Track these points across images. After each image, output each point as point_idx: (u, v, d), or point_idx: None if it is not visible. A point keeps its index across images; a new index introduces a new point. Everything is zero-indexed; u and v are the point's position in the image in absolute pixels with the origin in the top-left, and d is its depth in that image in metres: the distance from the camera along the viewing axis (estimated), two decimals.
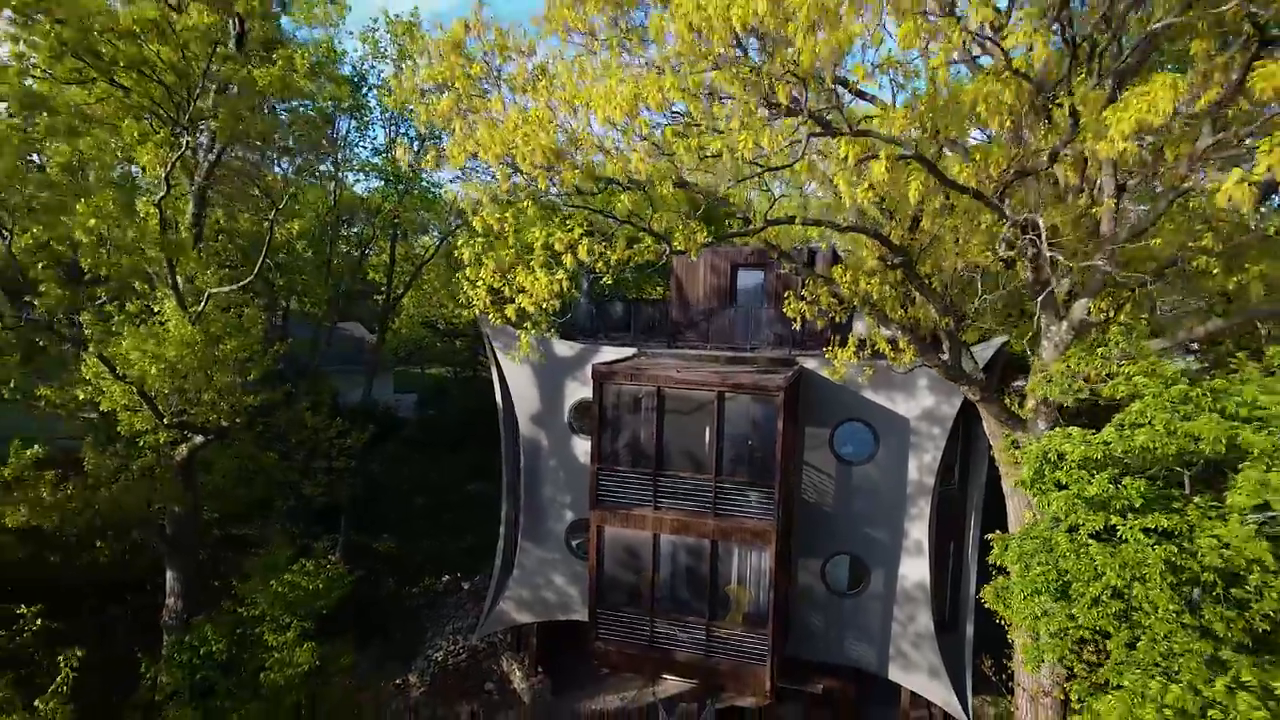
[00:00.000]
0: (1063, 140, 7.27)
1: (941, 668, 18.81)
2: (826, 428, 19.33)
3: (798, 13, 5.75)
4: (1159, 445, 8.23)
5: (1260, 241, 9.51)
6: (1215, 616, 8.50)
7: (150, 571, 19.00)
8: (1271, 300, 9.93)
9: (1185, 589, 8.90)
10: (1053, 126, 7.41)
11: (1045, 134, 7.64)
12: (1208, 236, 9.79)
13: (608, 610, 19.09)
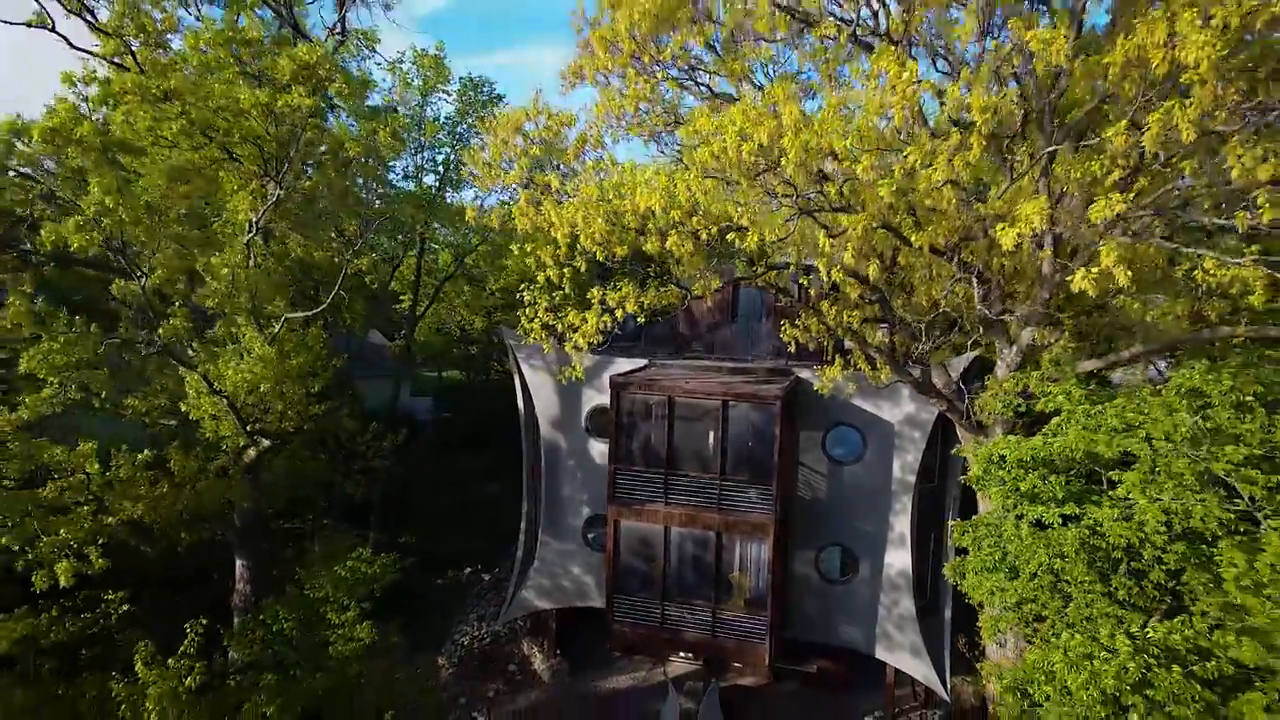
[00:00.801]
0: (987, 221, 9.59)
1: (923, 647, 21.15)
2: (819, 431, 21.69)
3: (789, 152, 8.07)
4: (1073, 451, 10.61)
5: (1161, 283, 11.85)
6: (1119, 584, 10.89)
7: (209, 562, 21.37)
8: (1179, 331, 12.31)
9: (1100, 564, 11.28)
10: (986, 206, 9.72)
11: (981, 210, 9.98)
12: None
13: (623, 595, 21.47)
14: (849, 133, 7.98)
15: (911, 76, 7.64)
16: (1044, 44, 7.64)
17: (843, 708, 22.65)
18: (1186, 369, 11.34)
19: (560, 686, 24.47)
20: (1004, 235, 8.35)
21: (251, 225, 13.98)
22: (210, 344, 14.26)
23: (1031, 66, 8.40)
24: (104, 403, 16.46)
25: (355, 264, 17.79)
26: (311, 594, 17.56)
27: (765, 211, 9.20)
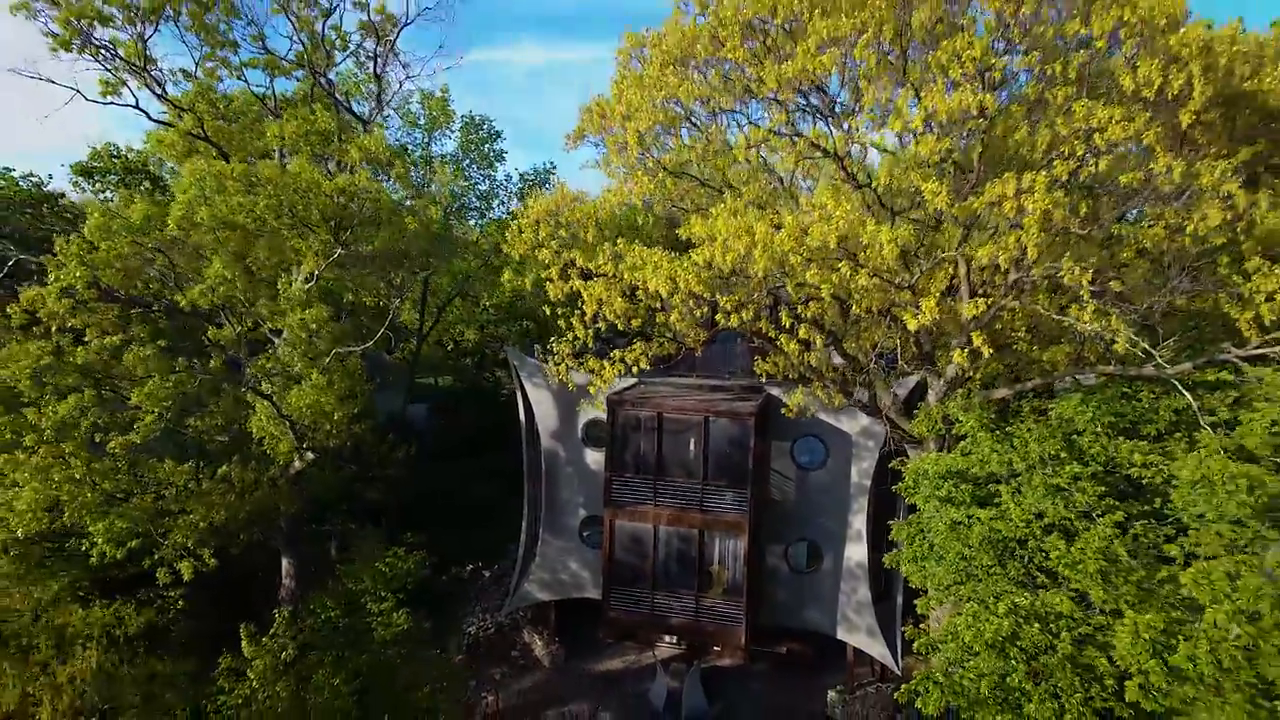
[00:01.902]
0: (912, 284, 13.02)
1: (878, 629, 24.80)
2: (788, 441, 25.22)
3: (759, 261, 11.43)
4: (976, 466, 14.17)
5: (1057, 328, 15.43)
6: (1012, 568, 14.48)
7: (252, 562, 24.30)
8: (1065, 368, 15.95)
9: (998, 553, 14.86)
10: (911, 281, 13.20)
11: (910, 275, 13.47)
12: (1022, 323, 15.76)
13: (618, 587, 24.85)
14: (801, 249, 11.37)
15: (843, 212, 11.00)
16: (933, 194, 11.09)
17: (810, 684, 26.24)
18: (1065, 400, 15.02)
19: (559, 670, 27.78)
20: (910, 321, 11.88)
21: (313, 276, 17.03)
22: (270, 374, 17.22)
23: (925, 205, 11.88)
24: (168, 423, 19.43)
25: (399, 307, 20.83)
26: (353, 587, 20.69)
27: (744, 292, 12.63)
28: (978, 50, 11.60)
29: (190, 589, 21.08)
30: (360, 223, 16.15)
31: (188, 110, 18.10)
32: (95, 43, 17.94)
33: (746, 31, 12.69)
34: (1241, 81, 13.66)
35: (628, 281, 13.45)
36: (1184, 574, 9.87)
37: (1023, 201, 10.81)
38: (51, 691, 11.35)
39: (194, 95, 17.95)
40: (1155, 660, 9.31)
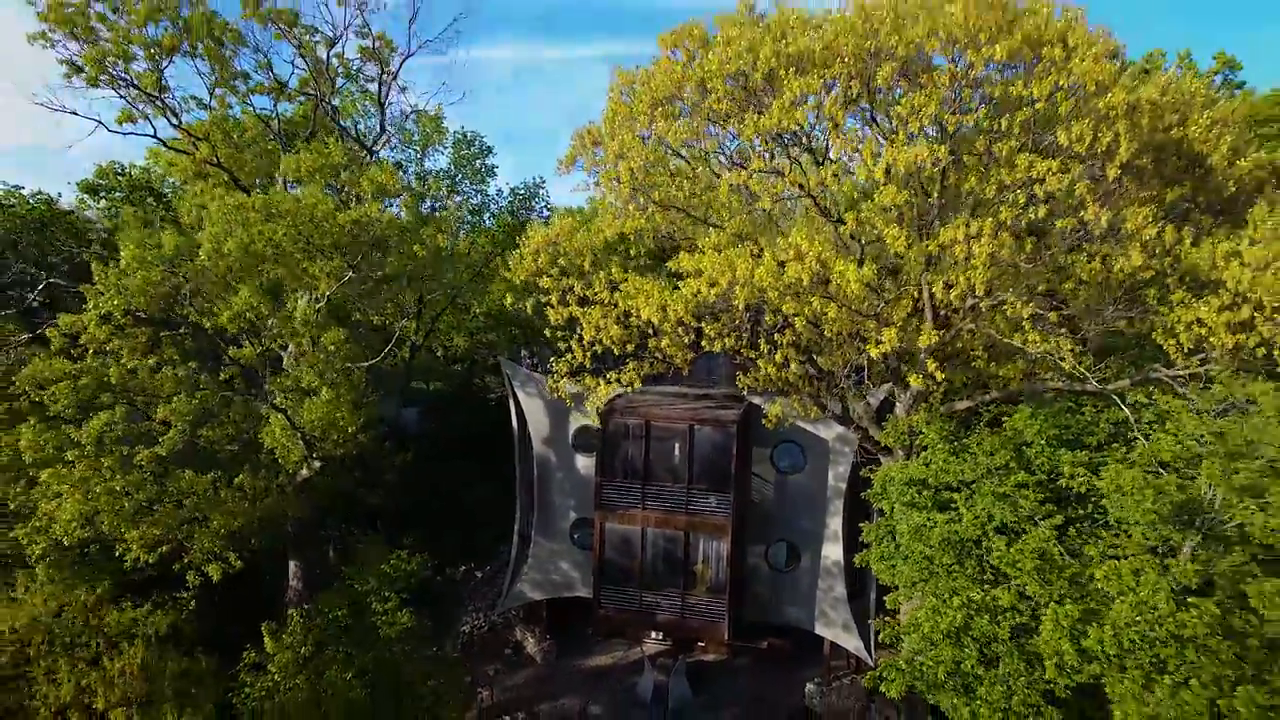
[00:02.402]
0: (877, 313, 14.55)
1: (853, 623, 26.44)
2: (768, 447, 26.81)
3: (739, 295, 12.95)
4: (937, 475, 15.78)
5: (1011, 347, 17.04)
6: (969, 565, 16.10)
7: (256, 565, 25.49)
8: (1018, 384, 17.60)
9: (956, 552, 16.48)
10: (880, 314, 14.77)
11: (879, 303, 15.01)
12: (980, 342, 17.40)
13: (608, 585, 26.33)
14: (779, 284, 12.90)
15: (815, 251, 12.54)
16: (893, 239, 12.64)
17: (789, 676, 27.87)
18: (1018, 414, 16.69)
19: (550, 666, 29.23)
20: (873, 350, 13.49)
21: (324, 297, 18.31)
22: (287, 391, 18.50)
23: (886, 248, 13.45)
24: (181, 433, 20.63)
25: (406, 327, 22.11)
26: (359, 588, 22.01)
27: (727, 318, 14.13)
28: (933, 106, 13.18)
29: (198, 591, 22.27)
30: (370, 249, 17.49)
31: (203, 139, 19.33)
32: (112, 73, 19.10)
33: (729, 83, 14.20)
34: (1169, 130, 15.38)
35: (622, 308, 14.93)
36: (1098, 571, 11.49)
37: (971, 245, 12.40)
38: (104, 685, 12.57)
39: (209, 125, 19.17)
40: (1070, 644, 10.93)
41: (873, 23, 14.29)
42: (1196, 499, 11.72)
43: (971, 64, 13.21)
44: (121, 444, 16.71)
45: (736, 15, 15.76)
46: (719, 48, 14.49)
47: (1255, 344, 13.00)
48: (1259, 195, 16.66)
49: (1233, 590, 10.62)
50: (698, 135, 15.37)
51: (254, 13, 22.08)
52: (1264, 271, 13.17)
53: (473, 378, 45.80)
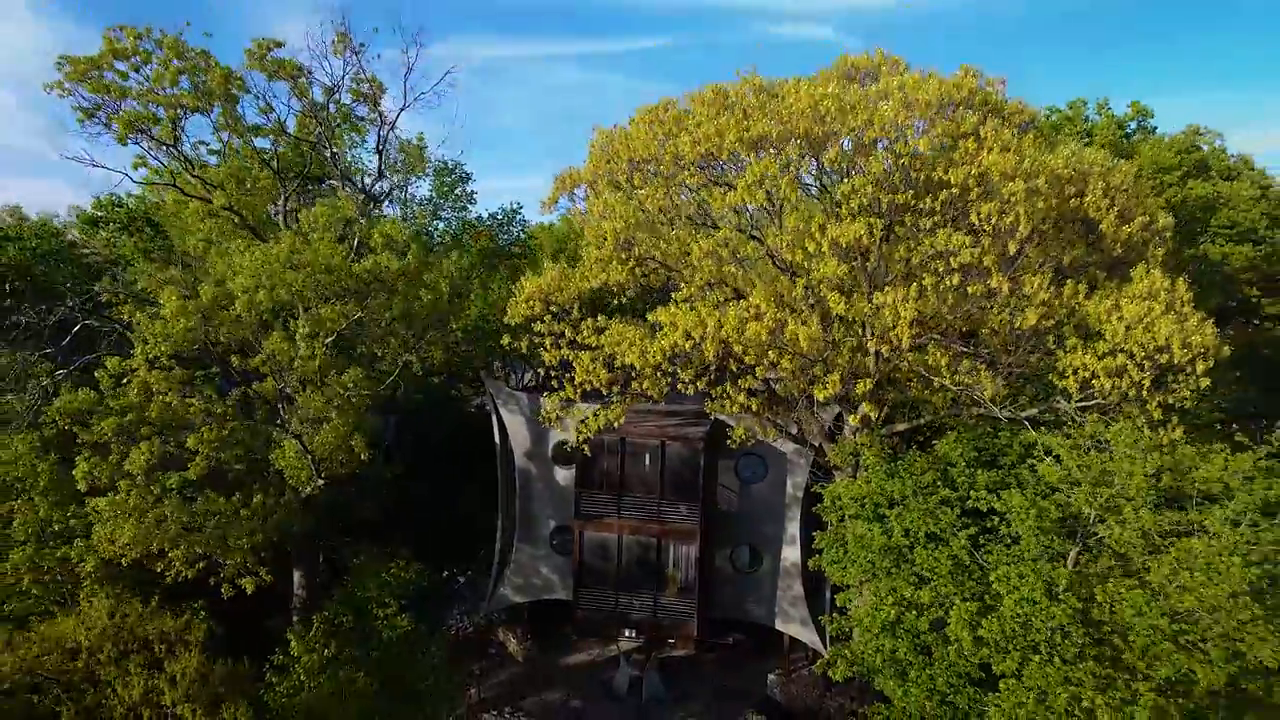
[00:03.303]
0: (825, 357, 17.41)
1: (809, 619, 29.44)
2: (732, 459, 29.65)
3: (709, 347, 15.64)
4: (875, 494, 18.71)
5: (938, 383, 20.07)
6: (905, 569, 19.06)
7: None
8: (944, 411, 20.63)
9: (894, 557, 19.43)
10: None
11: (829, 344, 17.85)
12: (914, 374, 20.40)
13: (586, 589, 28.97)
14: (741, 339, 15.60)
15: (771, 312, 15.28)
16: (836, 301, 15.45)
17: (753, 668, 30.81)
18: (943, 439, 19.72)
19: (532, 664, 31.77)
20: (819, 393, 16.31)
21: (333, 333, 20.52)
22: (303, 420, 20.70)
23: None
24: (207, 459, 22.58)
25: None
26: (360, 594, 24.32)
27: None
28: (869, 189, 16.03)
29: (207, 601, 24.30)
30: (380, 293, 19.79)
31: (218, 188, 21.40)
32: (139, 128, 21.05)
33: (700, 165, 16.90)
34: (1069, 200, 18.50)
35: (608, 352, 17.54)
36: (994, 575, 14.45)
37: (899, 308, 15.25)
38: (169, 685, 14.64)
39: (224, 175, 21.25)
40: (968, 633, 13.84)
41: (820, 110, 17.13)
42: (1076, 515, 14.75)
43: (900, 153, 16.11)
44: (154, 470, 18.80)
45: (707, 95, 18.49)
46: (691, 130, 17.18)
47: (1127, 386, 16.14)
48: (1146, 250, 19.95)
49: (1096, 589, 13.62)
50: (673, 203, 18.05)
51: (259, 64, 24.14)
52: (1136, 327, 16.33)
53: (451, 388, 47.90)
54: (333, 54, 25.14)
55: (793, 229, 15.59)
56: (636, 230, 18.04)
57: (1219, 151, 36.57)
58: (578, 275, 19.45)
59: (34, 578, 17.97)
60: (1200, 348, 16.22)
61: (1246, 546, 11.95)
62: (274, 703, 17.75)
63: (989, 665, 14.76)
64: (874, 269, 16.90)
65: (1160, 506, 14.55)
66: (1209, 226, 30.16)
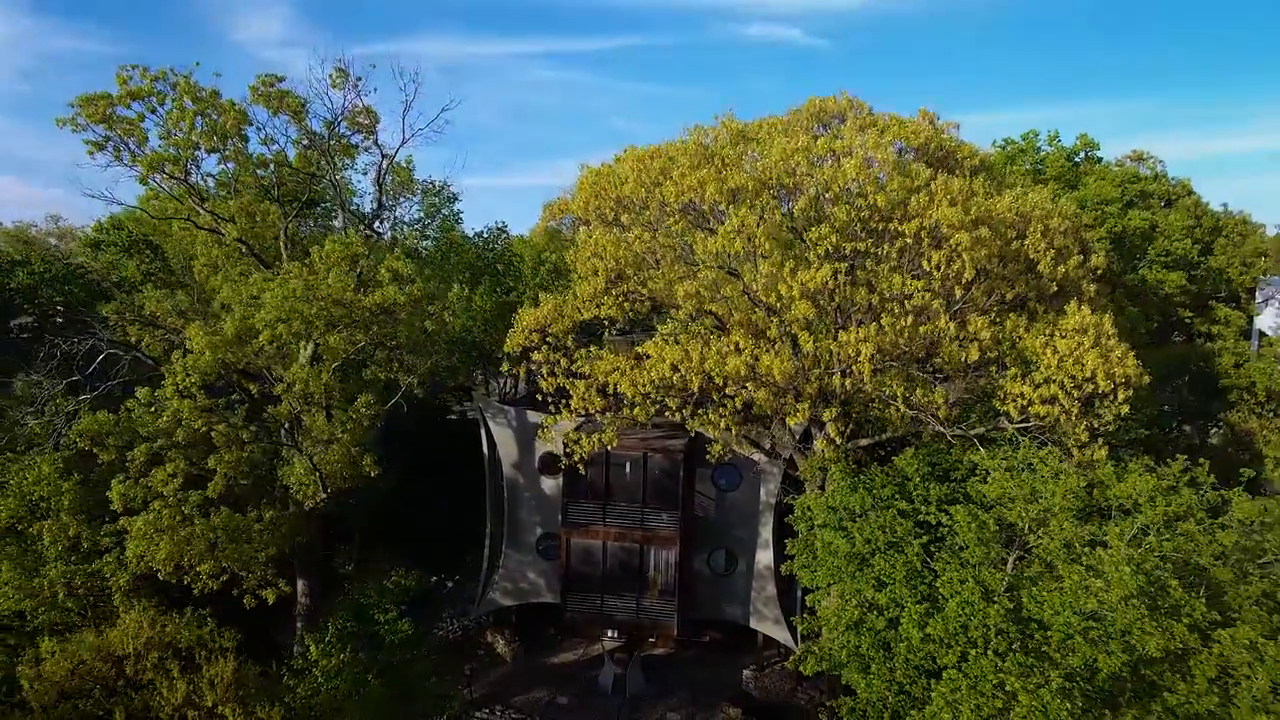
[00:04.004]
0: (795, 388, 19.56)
1: (781, 618, 31.73)
2: (709, 469, 31.81)
3: (693, 379, 17.68)
4: (840, 505, 20.97)
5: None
6: (868, 573, 21.34)
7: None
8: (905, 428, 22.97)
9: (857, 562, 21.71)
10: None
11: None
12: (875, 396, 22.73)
13: (573, 591, 30.97)
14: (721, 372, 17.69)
15: (749, 347, 17.37)
16: (806, 339, 17.66)
17: (729, 664, 33.00)
18: (902, 455, 22.06)
19: (520, 664, 33.67)
20: (790, 420, 18.51)
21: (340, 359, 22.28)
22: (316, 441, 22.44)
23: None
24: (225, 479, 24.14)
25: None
26: (363, 600, 26.07)
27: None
28: (833, 238, 18.24)
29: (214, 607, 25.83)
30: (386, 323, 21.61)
31: (229, 221, 23.01)
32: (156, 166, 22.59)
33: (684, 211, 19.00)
34: (1011, 243, 20.90)
35: (600, 381, 19.57)
36: (940, 580, 16.74)
37: (860, 346, 17.48)
38: (209, 688, 16.29)
39: (236, 210, 22.85)
40: (916, 631, 16.13)
41: (791, 164, 19.32)
42: (1012, 527, 17.10)
43: (861, 207, 18.38)
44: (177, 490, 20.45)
45: (690, 146, 20.59)
46: (676, 180, 19.25)
47: (1059, 412, 18.56)
48: (1080, 284, 22.44)
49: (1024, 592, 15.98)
50: (659, 244, 20.12)
51: (262, 98, 25.74)
52: (1067, 360, 18.75)
53: (434, 397, 49.50)
54: (331, 88, 26.84)
55: (767, 273, 17.71)
56: (626, 268, 20.07)
57: (1161, 176, 39.65)
58: (570, 307, 21.44)
59: (68, 592, 19.53)
60: (1122, 378, 18.72)
61: (1141, 555, 14.35)
62: (294, 704, 19.47)
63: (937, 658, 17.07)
64: (838, 307, 19.11)
65: (1085, 519, 16.95)
66: (1147, 254, 33.06)
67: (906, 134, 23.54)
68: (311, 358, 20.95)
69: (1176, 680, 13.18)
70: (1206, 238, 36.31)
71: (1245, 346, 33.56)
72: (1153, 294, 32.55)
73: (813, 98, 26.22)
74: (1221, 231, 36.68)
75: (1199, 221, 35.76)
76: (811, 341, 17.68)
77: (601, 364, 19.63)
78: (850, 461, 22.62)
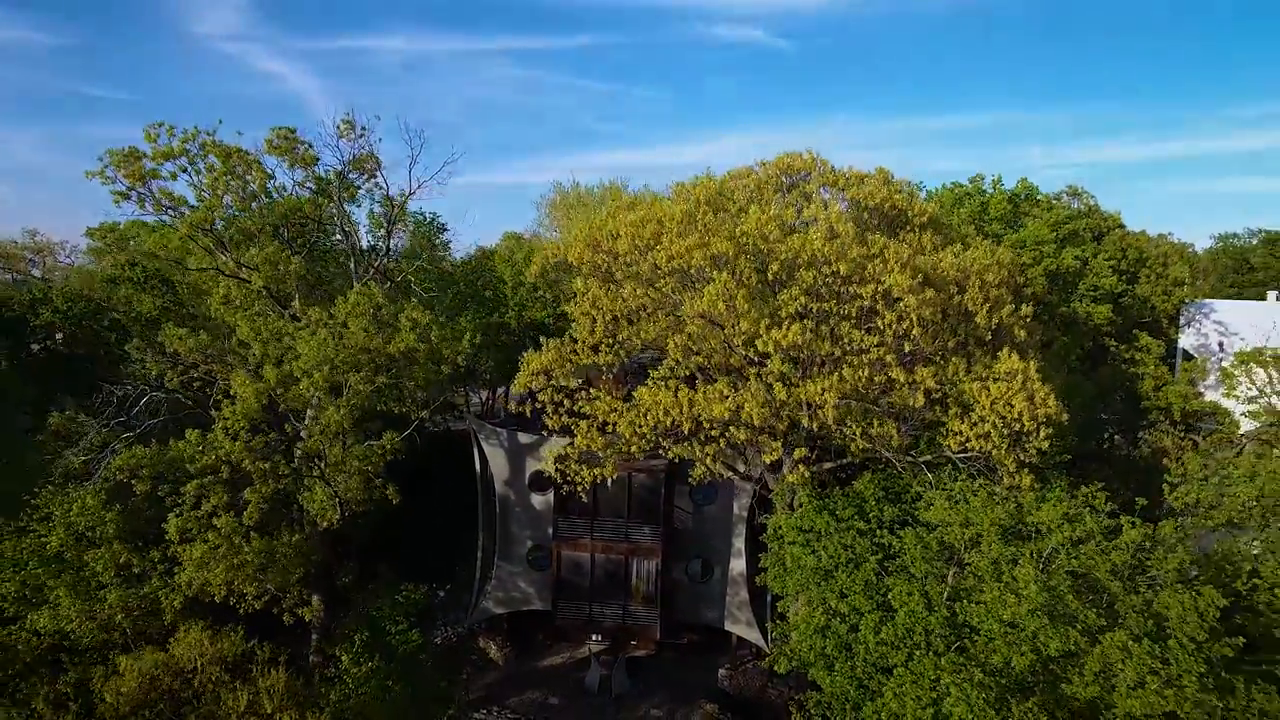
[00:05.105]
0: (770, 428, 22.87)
1: (754, 621, 35.16)
2: (688, 485, 35.02)
3: (684, 423, 20.76)
4: (808, 524, 24.35)
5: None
6: (829, 584, 24.77)
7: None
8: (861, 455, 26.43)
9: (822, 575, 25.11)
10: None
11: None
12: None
13: (564, 600, 34.02)
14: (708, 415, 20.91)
15: (732, 396, 20.59)
16: (780, 390, 20.93)
17: (706, 664, 36.32)
18: (861, 479, 25.55)
19: (512, 667, 36.59)
20: (766, 457, 21.75)
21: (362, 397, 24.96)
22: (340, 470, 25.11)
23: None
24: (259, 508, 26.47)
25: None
26: (375, 613, 28.80)
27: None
28: (802, 299, 21.56)
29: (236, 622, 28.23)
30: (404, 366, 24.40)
31: (254, 270, 25.55)
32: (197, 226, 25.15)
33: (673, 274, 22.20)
34: (953, 298, 24.44)
35: (600, 419, 22.66)
36: (892, 594, 20.19)
37: (825, 395, 20.83)
38: (266, 697, 18.89)
39: (259, 259, 25.39)
40: (872, 635, 19.54)
41: (765, 231, 22.61)
42: (952, 547, 20.60)
43: (825, 273, 21.77)
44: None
45: (676, 214, 23.74)
46: (665, 246, 22.41)
47: (991, 446, 22.15)
48: (1012, 330, 26.10)
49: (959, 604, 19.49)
50: (651, 299, 23.28)
51: (276, 150, 28.25)
52: (999, 402, 22.35)
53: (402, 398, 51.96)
54: (339, 138, 29.46)
55: (746, 329, 20.99)
56: (621, 319, 23.19)
57: (1094, 210, 43.96)
58: (570, 353, 24.46)
59: (124, 614, 21.94)
60: (1044, 417, 22.41)
61: (1050, 574, 17.97)
62: (333, 709, 22.26)
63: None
64: (807, 358, 22.45)
65: (1011, 539, 20.54)
66: (1078, 288, 37.17)
67: (864, 194, 27.05)
68: (332, 392, 23.58)
69: (1074, 673, 16.74)
70: (1132, 268, 40.61)
71: (1164, 371, 37.89)
72: (1084, 324, 36.65)
73: (781, 156, 29.67)
74: (1145, 263, 41.06)
75: (1125, 254, 40.03)
76: (785, 391, 20.97)
77: (601, 404, 22.69)
78: (815, 483, 26.04)
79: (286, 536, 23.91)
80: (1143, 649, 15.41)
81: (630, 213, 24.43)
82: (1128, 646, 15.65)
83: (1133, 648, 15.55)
